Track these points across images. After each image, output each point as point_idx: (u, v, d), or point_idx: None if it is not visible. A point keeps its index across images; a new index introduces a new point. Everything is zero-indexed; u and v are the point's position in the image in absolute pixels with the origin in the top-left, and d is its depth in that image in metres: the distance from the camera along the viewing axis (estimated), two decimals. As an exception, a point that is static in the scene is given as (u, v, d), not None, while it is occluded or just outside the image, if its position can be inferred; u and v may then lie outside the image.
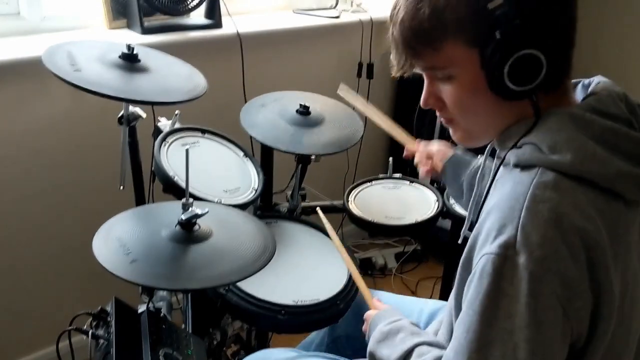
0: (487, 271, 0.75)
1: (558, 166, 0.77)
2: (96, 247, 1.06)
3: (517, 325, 0.73)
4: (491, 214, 0.78)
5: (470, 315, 0.77)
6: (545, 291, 0.73)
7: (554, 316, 0.73)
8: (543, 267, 0.72)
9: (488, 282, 0.75)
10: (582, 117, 0.79)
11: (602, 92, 0.83)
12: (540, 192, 0.75)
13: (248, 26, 2.02)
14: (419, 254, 2.73)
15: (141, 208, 1.33)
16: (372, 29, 2.34)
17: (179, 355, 1.10)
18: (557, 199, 0.75)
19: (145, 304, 1.17)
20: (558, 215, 0.74)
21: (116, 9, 1.84)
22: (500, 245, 0.74)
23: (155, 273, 1.03)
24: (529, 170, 0.79)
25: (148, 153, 1.48)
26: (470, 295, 0.77)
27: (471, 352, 0.76)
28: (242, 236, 1.17)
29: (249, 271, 1.07)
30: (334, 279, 1.42)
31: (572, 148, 0.76)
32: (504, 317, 0.74)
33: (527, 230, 0.73)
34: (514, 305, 0.73)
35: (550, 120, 0.80)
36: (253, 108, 1.66)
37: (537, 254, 0.72)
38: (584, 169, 0.76)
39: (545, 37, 0.77)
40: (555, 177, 0.76)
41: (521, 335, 0.73)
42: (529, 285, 0.72)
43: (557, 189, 0.75)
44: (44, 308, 1.87)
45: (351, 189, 1.84)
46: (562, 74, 0.83)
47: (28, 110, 1.68)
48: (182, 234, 1.11)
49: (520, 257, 0.73)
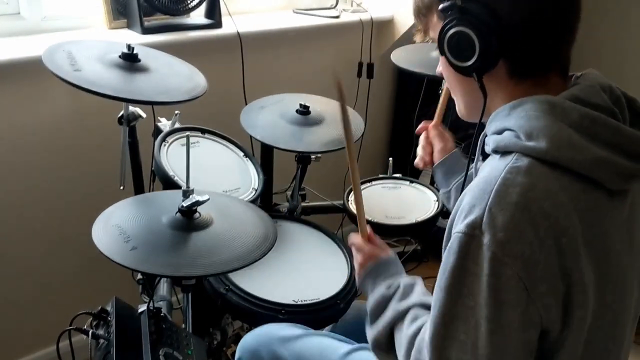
0: (454, 249, 0.77)
1: (534, 152, 0.78)
2: (95, 234, 1.05)
3: (478, 303, 0.75)
4: (465, 196, 0.80)
5: (437, 292, 0.80)
6: (507, 272, 0.74)
7: (515, 298, 0.74)
8: (505, 249, 0.73)
9: (454, 259, 0.77)
10: (560, 105, 0.80)
11: (585, 82, 0.85)
12: (512, 177, 0.76)
13: (248, 26, 2.02)
14: (419, 254, 2.73)
15: (141, 196, 1.31)
16: (372, 29, 2.34)
17: (179, 355, 1.10)
18: (528, 184, 0.76)
19: (145, 304, 1.17)
20: (527, 199, 0.75)
21: (116, 9, 1.84)
22: (467, 224, 0.76)
23: (156, 260, 1.02)
24: (506, 156, 0.80)
25: (148, 153, 1.48)
26: (440, 272, 0.80)
27: (437, 326, 0.79)
28: (242, 224, 1.16)
29: (249, 259, 1.06)
30: (334, 279, 1.43)
31: (548, 135, 0.77)
32: (467, 294, 0.76)
33: (493, 212, 0.75)
34: (477, 283, 0.75)
35: (528, 107, 0.81)
36: (253, 110, 1.67)
37: (500, 235, 0.74)
38: (559, 155, 0.77)
39: (483, 19, 0.81)
40: (530, 162, 0.77)
41: (482, 313, 0.75)
42: (491, 265, 0.74)
43: (530, 174, 0.76)
44: (44, 308, 1.87)
45: (351, 189, 1.84)
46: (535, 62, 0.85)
47: (28, 110, 1.68)
48: (182, 222, 1.10)
49: (484, 237, 0.74)
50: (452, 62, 0.87)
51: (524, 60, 0.84)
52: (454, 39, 0.85)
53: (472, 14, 0.82)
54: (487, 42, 0.82)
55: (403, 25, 2.36)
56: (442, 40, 0.86)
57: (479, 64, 0.84)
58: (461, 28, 0.83)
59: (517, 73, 0.85)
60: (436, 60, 1.64)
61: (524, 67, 0.85)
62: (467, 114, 0.96)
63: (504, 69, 0.85)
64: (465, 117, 0.97)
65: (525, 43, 0.83)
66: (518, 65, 0.84)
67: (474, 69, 0.85)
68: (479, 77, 0.86)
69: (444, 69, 0.93)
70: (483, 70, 0.85)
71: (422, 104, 2.16)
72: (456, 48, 0.85)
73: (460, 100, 0.95)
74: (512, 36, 0.82)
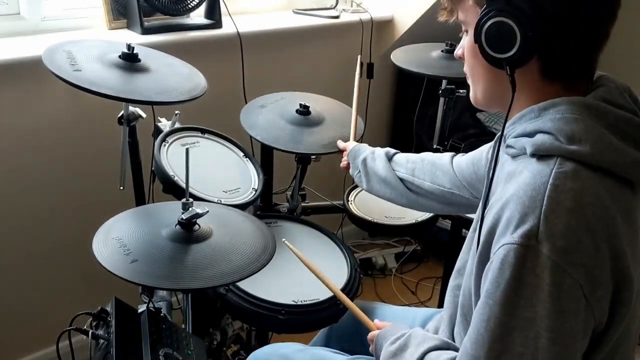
0: (509, 261, 0.75)
1: (577, 156, 0.77)
2: (96, 247, 1.06)
3: (539, 314, 0.74)
4: (510, 203, 0.78)
5: (490, 306, 0.77)
6: (568, 281, 0.73)
7: (576, 306, 0.74)
8: (566, 257, 0.73)
9: (510, 272, 0.75)
10: (597, 107, 0.80)
11: (609, 83, 0.85)
12: (561, 182, 0.75)
13: (248, 26, 2.02)
14: (419, 254, 2.73)
15: (141, 208, 1.33)
16: (372, 29, 2.34)
17: (179, 355, 1.10)
18: (578, 189, 0.75)
19: (145, 304, 1.17)
20: (581, 205, 0.74)
21: (116, 9, 1.84)
22: (522, 235, 0.74)
23: (155, 273, 1.03)
24: (547, 160, 0.79)
25: (148, 153, 1.48)
26: (489, 285, 0.77)
27: (492, 342, 0.77)
28: (242, 236, 1.17)
29: (249, 271, 1.07)
30: (334, 279, 1.42)
31: (591, 138, 0.77)
32: (526, 306, 0.74)
33: (550, 220, 0.73)
34: (537, 294, 0.73)
35: (562, 109, 0.80)
36: (253, 109, 1.67)
37: (560, 243, 0.73)
38: (603, 158, 0.77)
39: (528, 13, 0.79)
40: (575, 167, 0.76)
41: (542, 324, 0.74)
42: (552, 275, 0.73)
43: (578, 178, 0.76)
44: (44, 308, 1.87)
45: (351, 189, 1.84)
46: (570, 65, 0.83)
47: (28, 110, 1.68)
48: (182, 234, 1.11)
49: (543, 246, 0.73)
50: (486, 52, 0.84)
51: (558, 61, 0.83)
52: (493, 28, 0.82)
53: (518, 6, 0.79)
54: (528, 37, 0.79)
55: (403, 25, 2.37)
56: (480, 27, 0.83)
57: (515, 58, 0.81)
58: (505, 19, 0.80)
59: (549, 73, 0.83)
60: (436, 61, 1.64)
61: (557, 68, 0.83)
62: (484, 103, 0.94)
63: (536, 67, 0.83)
64: (480, 105, 0.95)
65: (563, 44, 0.81)
66: (551, 66, 0.83)
67: (508, 63, 0.82)
68: (511, 71, 0.83)
69: (470, 54, 0.91)
70: (516, 65, 0.82)
71: (422, 104, 2.16)
72: (494, 38, 0.82)
73: (480, 89, 0.92)
74: (552, 35, 0.80)
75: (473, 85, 0.94)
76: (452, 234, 1.92)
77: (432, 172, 1.30)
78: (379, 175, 1.37)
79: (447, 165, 1.29)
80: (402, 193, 1.34)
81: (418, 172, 1.32)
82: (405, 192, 1.34)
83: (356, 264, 1.50)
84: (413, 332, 1.02)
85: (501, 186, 0.85)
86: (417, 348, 0.97)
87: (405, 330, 1.04)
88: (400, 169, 1.35)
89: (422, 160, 1.33)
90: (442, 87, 1.89)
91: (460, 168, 1.26)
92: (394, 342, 1.02)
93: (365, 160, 1.40)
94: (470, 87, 0.95)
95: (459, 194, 1.26)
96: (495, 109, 0.96)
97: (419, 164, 1.33)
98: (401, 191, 1.34)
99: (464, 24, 0.92)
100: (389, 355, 1.01)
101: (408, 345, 0.99)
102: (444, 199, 1.28)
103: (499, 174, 0.90)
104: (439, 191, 1.28)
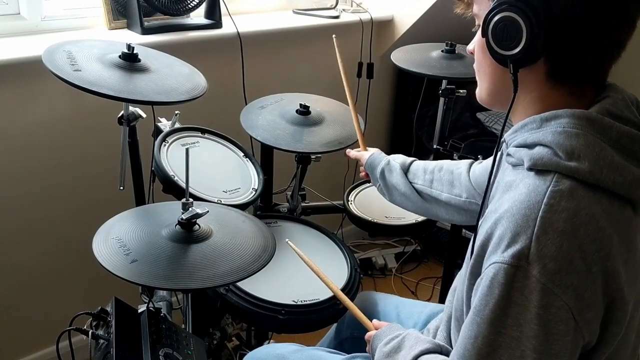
0: (499, 280, 0.74)
1: (575, 173, 0.75)
2: (96, 247, 1.06)
3: (525, 334, 0.73)
4: (503, 220, 0.76)
5: (478, 323, 0.76)
6: (557, 303, 0.72)
7: (564, 327, 0.73)
8: (556, 280, 0.71)
9: (499, 291, 0.74)
10: (599, 122, 0.77)
11: (616, 95, 0.82)
12: (556, 202, 0.73)
13: (248, 26, 2.02)
14: (419, 254, 2.73)
15: (141, 208, 1.33)
16: (372, 29, 2.34)
17: (179, 355, 1.10)
18: (573, 209, 0.73)
19: (145, 304, 1.17)
20: (574, 226, 0.72)
21: (116, 9, 1.84)
22: (513, 255, 0.73)
23: (155, 273, 1.03)
24: (544, 175, 0.77)
25: (148, 153, 1.48)
26: (478, 302, 0.77)
27: (478, 358, 0.76)
28: (242, 236, 1.17)
29: (249, 271, 1.07)
30: (334, 279, 1.42)
31: (591, 155, 0.75)
32: (513, 325, 0.74)
33: (541, 241, 0.72)
34: (524, 314, 0.73)
35: (564, 122, 0.78)
36: (252, 110, 1.67)
37: (550, 265, 0.71)
38: (602, 177, 0.75)
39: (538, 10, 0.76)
40: (572, 185, 0.74)
41: (529, 344, 0.73)
42: (541, 297, 0.72)
43: (574, 198, 0.74)
44: (44, 308, 1.87)
45: (351, 189, 1.84)
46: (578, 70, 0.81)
47: (28, 110, 1.68)
48: (182, 234, 1.11)
49: (533, 268, 0.72)
50: (492, 47, 0.82)
51: (567, 65, 0.80)
52: (500, 23, 0.79)
53: (529, 2, 0.76)
54: (535, 36, 0.76)
55: (403, 25, 2.37)
56: (488, 21, 0.81)
57: (520, 57, 0.79)
58: (512, 14, 0.78)
59: (556, 77, 0.81)
60: (436, 61, 1.64)
61: (565, 73, 0.81)
62: (488, 101, 0.92)
63: (543, 68, 0.81)
64: (484, 102, 0.93)
65: (573, 47, 0.78)
66: (559, 69, 0.80)
67: (512, 61, 0.80)
68: (514, 70, 0.81)
69: (478, 50, 0.89)
70: (521, 64, 0.80)
71: (422, 104, 2.16)
72: (501, 34, 0.80)
73: (485, 86, 0.91)
74: (562, 36, 0.77)
75: (480, 82, 0.92)
76: (452, 234, 1.93)
77: (449, 182, 1.28)
78: (398, 189, 1.35)
79: (464, 174, 1.26)
80: (421, 206, 1.33)
81: (436, 183, 1.30)
82: (423, 204, 1.32)
83: (356, 264, 1.50)
84: (407, 334, 1.02)
85: (498, 195, 0.84)
86: (409, 351, 0.97)
87: (400, 332, 1.04)
88: (417, 180, 1.33)
89: (440, 170, 1.31)
90: (442, 87, 1.88)
91: (475, 176, 1.24)
92: (388, 342, 1.02)
93: (383, 173, 1.37)
94: (478, 83, 0.93)
95: (476, 202, 1.23)
96: (499, 108, 0.93)
97: (437, 174, 1.30)
98: (420, 205, 1.33)
99: (478, 17, 0.89)
100: (382, 355, 1.01)
101: (401, 347, 1.00)
102: (462, 208, 1.26)
103: (500, 180, 0.89)
104: (456, 201, 1.26)
